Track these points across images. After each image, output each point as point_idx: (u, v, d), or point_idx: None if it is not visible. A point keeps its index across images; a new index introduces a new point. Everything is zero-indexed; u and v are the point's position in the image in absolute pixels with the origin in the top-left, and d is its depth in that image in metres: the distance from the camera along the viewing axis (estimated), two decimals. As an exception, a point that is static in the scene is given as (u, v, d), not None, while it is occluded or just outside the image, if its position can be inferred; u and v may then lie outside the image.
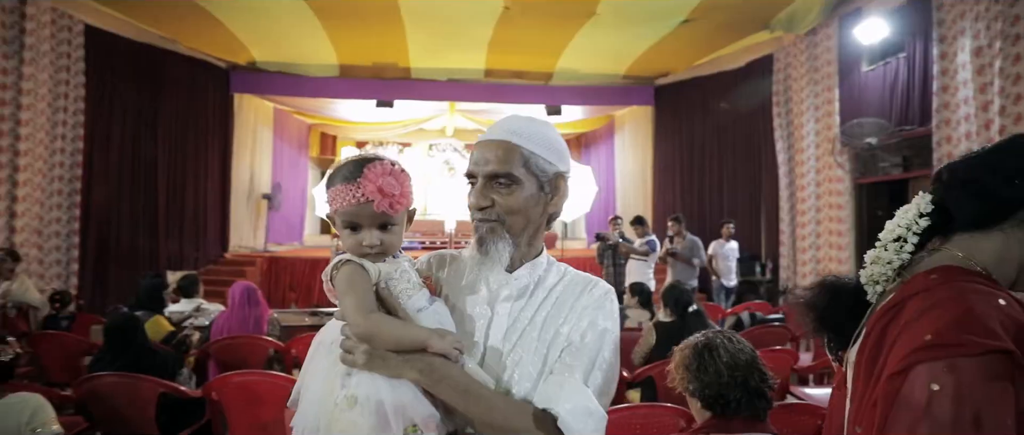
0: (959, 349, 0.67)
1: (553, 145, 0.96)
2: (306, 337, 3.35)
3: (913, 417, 0.67)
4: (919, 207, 0.85)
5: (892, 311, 0.78)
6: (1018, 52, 4.61)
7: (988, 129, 4.88)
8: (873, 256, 0.87)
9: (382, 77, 8.97)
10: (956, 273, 0.78)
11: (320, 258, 8.21)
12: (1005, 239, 0.79)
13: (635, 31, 7.33)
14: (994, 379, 0.66)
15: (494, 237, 0.91)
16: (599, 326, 0.91)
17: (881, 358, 0.75)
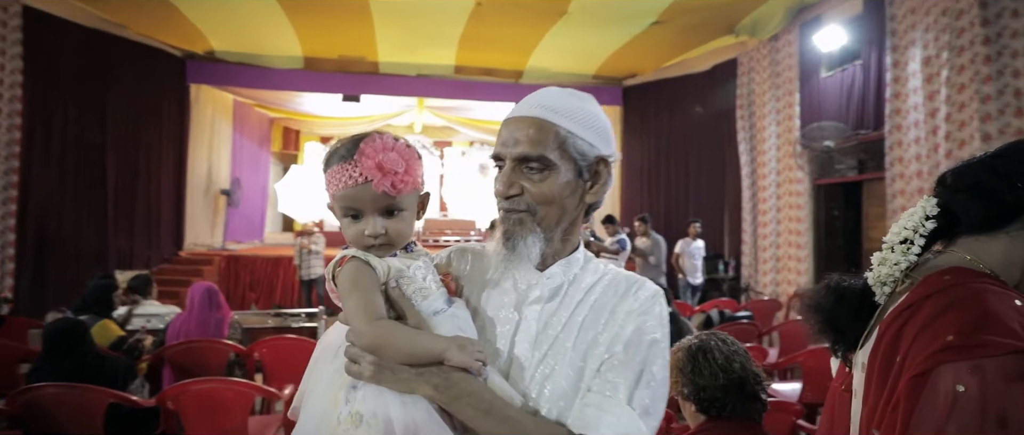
0: (983, 350, 0.68)
1: (595, 123, 0.82)
2: (270, 340, 3.21)
3: (938, 419, 0.67)
4: (925, 210, 0.86)
5: (908, 312, 0.78)
6: (962, 63, 4.87)
7: (935, 134, 5.15)
8: (880, 258, 0.87)
9: (349, 71, 8.74)
10: (969, 274, 0.78)
11: (282, 256, 7.93)
12: (1010, 242, 0.81)
13: (606, 31, 7.39)
14: (1016, 380, 0.66)
15: (523, 230, 0.79)
16: (647, 335, 0.77)
17: (898, 359, 0.74)
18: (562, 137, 0.78)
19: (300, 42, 7.85)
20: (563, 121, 0.79)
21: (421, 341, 0.71)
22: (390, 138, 0.77)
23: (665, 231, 8.58)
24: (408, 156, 0.77)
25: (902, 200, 5.51)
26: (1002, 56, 4.64)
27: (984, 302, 0.72)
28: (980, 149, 4.70)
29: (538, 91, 0.83)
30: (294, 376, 3.03)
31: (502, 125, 0.83)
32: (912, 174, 5.40)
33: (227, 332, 3.16)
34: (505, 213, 0.81)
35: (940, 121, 5.09)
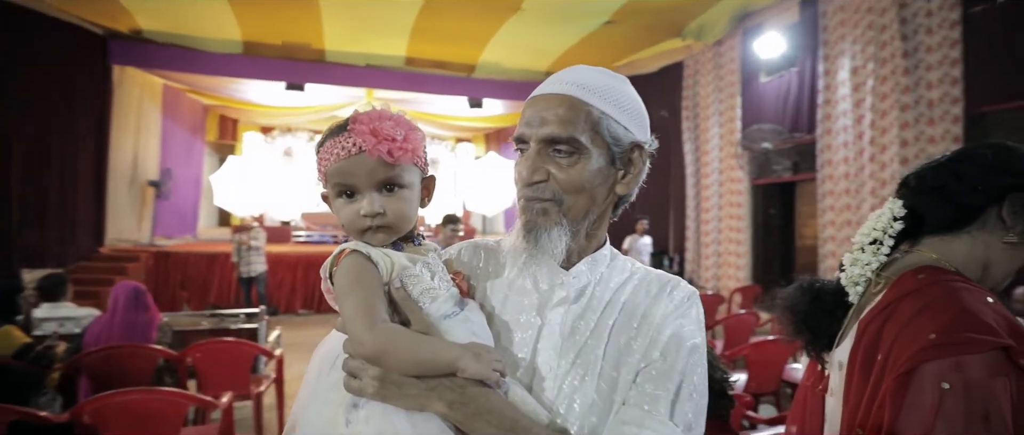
0: (964, 347, 0.70)
1: (631, 105, 0.74)
2: (205, 343, 2.98)
3: (926, 418, 0.69)
4: (892, 211, 0.89)
5: (886, 312, 0.80)
6: (885, 74, 5.26)
7: (860, 139, 5.54)
8: (851, 259, 0.90)
9: (293, 58, 8.32)
10: (941, 273, 0.82)
11: (218, 253, 7.46)
12: (971, 241, 0.85)
13: (559, 29, 7.43)
14: (996, 375, 0.69)
15: (547, 222, 0.70)
16: (686, 341, 0.69)
17: (879, 357, 0.76)
18: (595, 118, 0.70)
19: (239, 25, 7.39)
20: (597, 101, 0.70)
21: (431, 349, 0.62)
22: (387, 109, 0.69)
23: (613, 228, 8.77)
24: (407, 126, 0.68)
25: (831, 200, 5.89)
26: (918, 69, 5.04)
27: (961, 300, 0.75)
28: (898, 154, 5.11)
29: (568, 68, 0.75)
30: (232, 382, 2.85)
31: (526, 104, 0.74)
32: (840, 175, 5.78)
33: (156, 336, 2.91)
34: (527, 202, 0.71)
35: (865, 127, 5.47)
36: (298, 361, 4.94)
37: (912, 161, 5.02)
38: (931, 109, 4.92)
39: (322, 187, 0.73)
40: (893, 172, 5.18)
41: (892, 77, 5.18)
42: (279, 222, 10.70)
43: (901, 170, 5.08)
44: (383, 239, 0.68)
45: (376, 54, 8.40)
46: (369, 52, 8.32)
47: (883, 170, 5.32)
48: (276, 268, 7.17)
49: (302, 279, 7.55)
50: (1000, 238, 0.83)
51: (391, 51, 8.30)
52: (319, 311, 7.50)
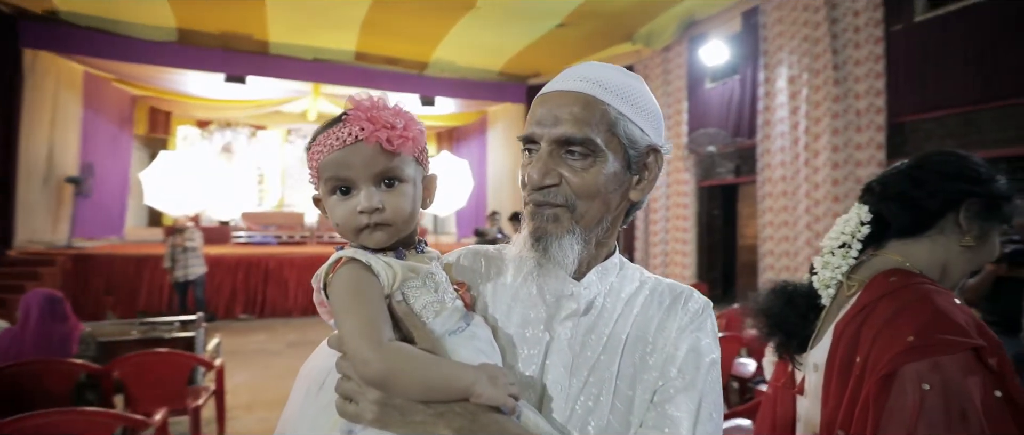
0: (941, 348, 0.73)
1: (648, 106, 0.69)
2: (135, 356, 2.75)
3: (909, 419, 0.72)
4: (859, 216, 0.93)
5: (862, 314, 0.83)
6: (818, 84, 5.60)
7: (796, 144, 5.88)
8: (822, 262, 0.93)
9: (233, 48, 7.87)
10: (909, 276, 0.85)
11: (147, 255, 6.94)
12: (932, 244, 0.90)
13: (512, 29, 7.44)
14: (969, 374, 0.72)
15: (558, 229, 0.65)
16: (704, 355, 0.65)
17: (858, 359, 0.78)
18: (612, 119, 0.65)
19: (173, 12, 6.91)
20: (614, 100, 0.66)
21: (444, 372, 0.55)
22: (383, 98, 0.64)
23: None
24: (407, 116, 0.63)
25: (770, 201, 6.22)
26: (847, 80, 5.40)
27: (934, 302, 0.79)
28: (830, 159, 5.46)
29: (581, 64, 0.69)
30: (166, 397, 2.64)
31: (536, 102, 0.68)
32: (778, 178, 6.12)
33: (76, 349, 2.65)
34: (536, 207, 0.66)
35: (800, 133, 5.82)
36: (240, 370, 4.68)
37: (842, 166, 5.38)
38: (858, 117, 5.29)
39: (314, 187, 0.67)
40: (825, 176, 5.53)
41: (824, 87, 5.53)
42: (217, 222, 10.10)
43: (832, 174, 5.43)
44: (382, 239, 0.62)
45: (324, 48, 8.09)
46: (317, 45, 8.01)
47: (816, 174, 5.67)
48: (214, 271, 6.75)
49: (243, 282, 7.16)
50: (958, 241, 0.89)
51: (340, 45, 8.02)
52: (262, 316, 7.14)
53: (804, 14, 5.73)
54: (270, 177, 11.27)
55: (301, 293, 7.32)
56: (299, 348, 5.71)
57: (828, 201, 5.50)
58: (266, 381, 4.56)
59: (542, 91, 0.70)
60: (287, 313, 7.24)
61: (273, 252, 7.73)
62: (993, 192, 0.89)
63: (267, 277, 7.24)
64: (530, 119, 0.68)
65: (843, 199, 5.37)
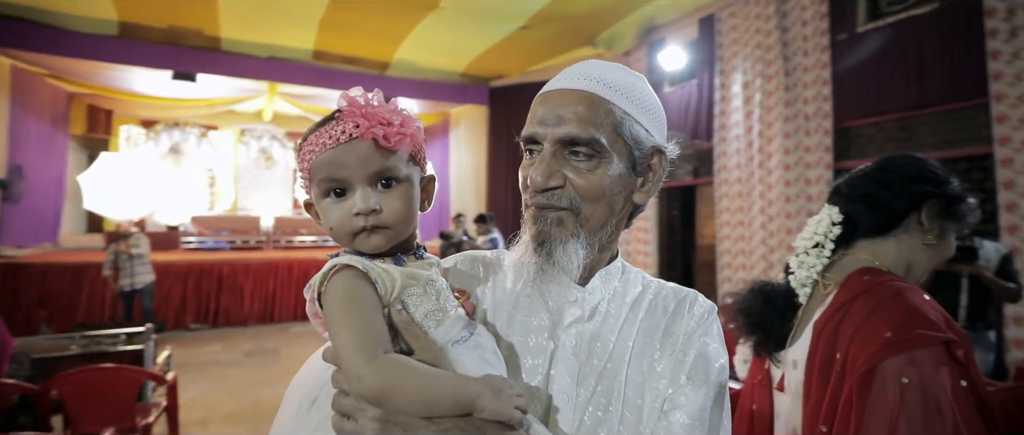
0: (916, 343, 0.78)
1: (653, 106, 0.67)
2: (75, 372, 2.56)
3: (890, 412, 0.75)
4: (830, 217, 0.97)
5: (840, 312, 0.86)
6: (770, 89, 5.85)
7: (750, 147, 6.12)
8: (798, 262, 0.97)
9: (181, 44, 7.48)
10: (881, 274, 0.90)
11: (87, 263, 6.50)
12: (898, 243, 0.94)
13: (475, 31, 7.41)
14: (941, 366, 0.77)
15: (563, 233, 0.62)
16: (713, 360, 0.63)
17: (837, 356, 0.82)
18: (618, 119, 0.63)
19: (114, 3, 6.50)
20: (619, 99, 0.64)
21: (446, 386, 0.52)
22: (381, 95, 0.60)
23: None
24: (404, 114, 0.60)
25: (726, 202, 6.45)
26: (796, 86, 5.66)
27: (908, 299, 0.83)
28: (781, 161, 5.71)
29: (583, 62, 0.67)
30: (113, 416, 2.47)
31: (537, 101, 0.66)
32: (734, 180, 6.35)
33: (8, 368, 2.45)
34: (539, 211, 0.63)
35: (754, 137, 6.06)
36: (193, 383, 4.45)
37: (792, 167, 5.64)
38: (807, 122, 5.56)
39: (306, 190, 0.63)
40: (777, 177, 5.78)
41: (776, 92, 5.78)
42: (165, 227, 9.57)
43: (784, 175, 5.68)
44: (379, 244, 0.59)
45: (280, 46, 7.81)
46: (272, 43, 7.72)
47: (769, 175, 5.91)
48: (162, 279, 6.39)
49: (193, 290, 6.81)
50: (920, 240, 0.94)
51: (297, 43, 7.76)
52: (215, 325, 6.81)
53: (756, 22, 5.98)
54: (223, 179, 10.78)
55: (257, 300, 7.04)
56: (256, 358, 5.49)
57: (780, 201, 5.75)
58: (222, 394, 4.35)
59: (544, 89, 0.67)
60: (242, 321, 6.94)
61: (227, 258, 7.39)
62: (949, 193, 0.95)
63: (220, 284, 6.92)
64: (531, 118, 0.66)
65: (794, 199, 5.63)
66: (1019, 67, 4.05)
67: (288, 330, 6.82)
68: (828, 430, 0.82)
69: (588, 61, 0.68)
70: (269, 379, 4.70)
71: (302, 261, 7.45)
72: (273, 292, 7.15)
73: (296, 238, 9.93)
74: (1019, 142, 4.06)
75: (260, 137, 10.92)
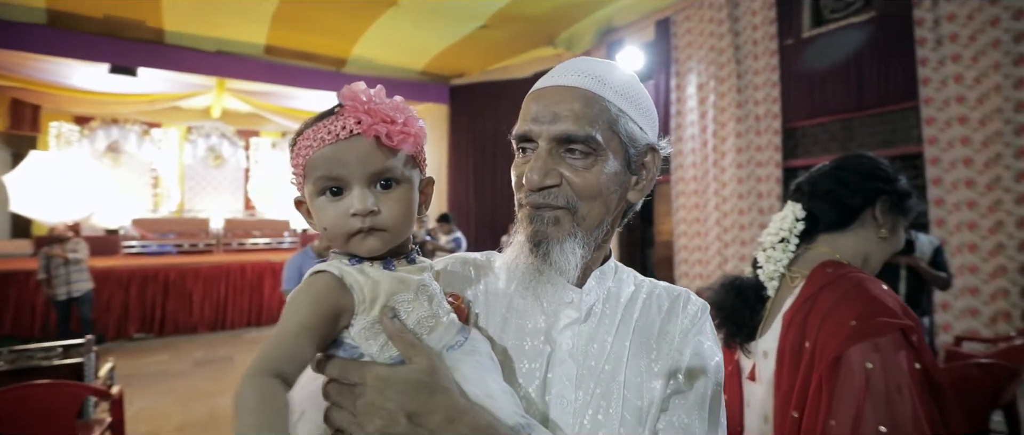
0: (878, 330, 0.83)
1: (646, 104, 0.68)
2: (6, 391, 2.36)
3: (858, 395, 0.81)
4: (794, 213, 1.02)
5: (807, 304, 0.91)
6: (723, 91, 6.08)
7: (705, 146, 6.35)
8: (766, 257, 1.02)
9: (120, 36, 7.02)
10: (842, 266, 0.95)
11: (13, 271, 6.00)
12: (855, 237, 1.01)
13: (435, 28, 7.34)
14: (900, 350, 0.83)
15: (560, 233, 0.62)
16: (708, 359, 0.64)
17: (806, 345, 0.87)
18: (613, 116, 0.63)
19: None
20: (613, 96, 0.63)
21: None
22: (382, 91, 0.58)
23: (490, 228, 8.94)
24: (408, 112, 0.58)
25: (683, 200, 6.66)
26: (747, 88, 5.91)
27: (869, 290, 0.89)
28: (734, 160, 5.94)
29: (575, 58, 0.67)
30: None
31: (531, 97, 0.65)
32: (690, 178, 6.57)
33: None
34: (534, 210, 0.62)
35: (709, 136, 6.28)
36: (139, 396, 4.19)
37: (745, 166, 5.88)
38: (758, 122, 5.81)
39: (298, 187, 0.60)
40: (731, 175, 6.01)
41: (729, 94, 6.02)
42: (103, 230, 8.98)
43: (737, 173, 5.93)
44: (375, 246, 0.57)
45: (230, 40, 7.47)
46: (221, 37, 7.37)
47: (723, 173, 6.15)
48: (102, 286, 5.99)
49: (137, 297, 6.41)
50: (875, 234, 1.01)
51: (248, 38, 7.45)
52: (161, 334, 6.45)
53: (710, 26, 6.20)
54: (168, 180, 10.20)
55: (208, 306, 6.72)
56: (208, 367, 5.24)
57: (734, 199, 5.99)
58: (171, 406, 4.13)
59: (537, 86, 0.66)
60: (192, 329, 6.61)
61: (173, 262, 7.01)
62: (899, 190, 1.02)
63: (166, 290, 6.56)
64: (525, 115, 0.64)
65: (746, 197, 5.88)
66: (945, 74, 4.38)
67: (242, 337, 6.54)
68: (799, 415, 0.87)
69: (581, 58, 0.68)
70: (223, 388, 4.49)
71: (256, 264, 7.16)
72: (225, 297, 6.84)
73: (248, 240, 9.53)
74: (945, 142, 4.39)
75: (208, 135, 10.40)
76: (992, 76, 4.11)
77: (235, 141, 10.70)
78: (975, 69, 4.21)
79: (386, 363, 0.54)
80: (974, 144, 4.23)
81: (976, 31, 4.20)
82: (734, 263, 5.86)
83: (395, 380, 0.51)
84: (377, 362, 0.54)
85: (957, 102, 4.32)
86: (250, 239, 9.57)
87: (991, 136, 4.14)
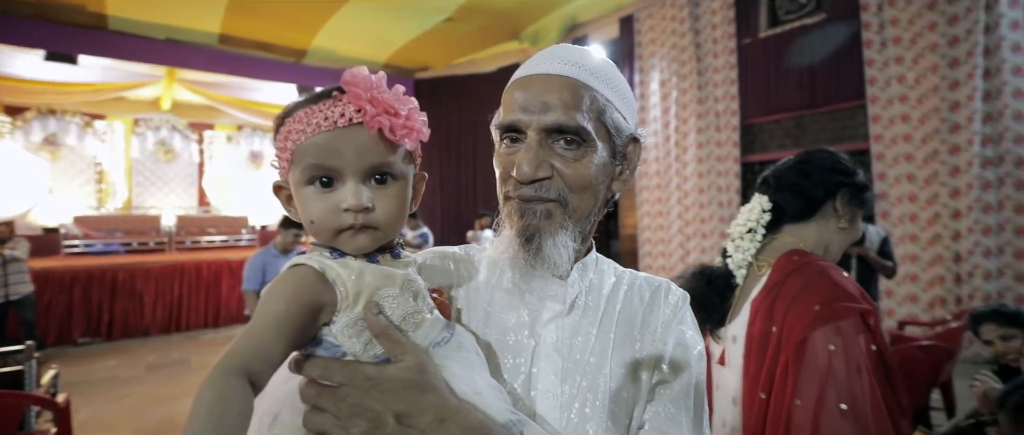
0: (839, 314, 0.88)
1: (627, 93, 0.66)
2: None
3: (821, 375, 0.85)
4: (761, 205, 1.06)
5: (774, 290, 0.95)
6: (685, 87, 6.25)
7: (668, 142, 6.50)
8: (734, 247, 1.06)
9: (57, 20, 6.56)
10: (806, 255, 1.00)
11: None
12: (817, 228, 1.06)
13: (399, 20, 7.20)
14: (860, 333, 0.88)
15: (551, 226, 0.60)
16: (692, 349, 0.65)
17: (773, 329, 0.91)
18: (601, 106, 0.61)
19: (-34, -30, 5.57)
20: (600, 86, 0.62)
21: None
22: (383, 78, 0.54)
23: (455, 222, 8.91)
24: (409, 103, 0.55)
25: (647, 194, 6.81)
26: (708, 86, 6.09)
27: (831, 276, 0.94)
28: (695, 155, 6.12)
29: (559, 46, 0.65)
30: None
31: (516, 86, 0.63)
32: (653, 173, 6.72)
33: None
34: (524, 203, 0.61)
35: (671, 131, 6.44)
36: (87, 404, 3.96)
37: (705, 161, 6.07)
38: (718, 119, 6.00)
39: (280, 173, 0.55)
40: (692, 170, 6.19)
41: (690, 91, 6.18)
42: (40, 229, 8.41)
43: (698, 168, 6.11)
44: (365, 244, 0.53)
45: (181, 27, 7.10)
46: (171, 24, 7.00)
47: (685, 168, 6.32)
48: (42, 288, 5.61)
49: (81, 299, 6.05)
50: (835, 224, 1.07)
51: (201, 26, 7.10)
52: (110, 338, 6.11)
53: (672, 24, 6.34)
54: (113, 175, 9.64)
55: (161, 308, 6.41)
56: (162, 371, 5.00)
57: (695, 193, 6.17)
58: (122, 413, 3.93)
59: (521, 73, 0.65)
60: (144, 332, 6.29)
61: (122, 262, 6.63)
62: (857, 183, 1.08)
63: (114, 292, 6.21)
64: (511, 105, 0.63)
65: (707, 191, 6.07)
66: (889, 74, 4.64)
67: (198, 338, 6.27)
68: (766, 397, 0.91)
69: (564, 45, 0.66)
70: (179, 393, 4.30)
71: (212, 263, 6.87)
72: (179, 298, 6.54)
73: (203, 238, 9.12)
74: (889, 139, 4.66)
75: (158, 128, 9.87)
76: (930, 77, 4.39)
77: (187, 134, 10.21)
78: (916, 70, 4.48)
79: (371, 362, 0.52)
80: (915, 141, 4.51)
81: (916, 35, 4.46)
82: (696, 254, 6.05)
83: (382, 380, 0.49)
84: (361, 361, 0.51)
85: (900, 101, 4.58)
86: (205, 237, 9.17)
87: (929, 133, 4.42)
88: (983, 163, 4.12)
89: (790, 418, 0.88)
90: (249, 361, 0.45)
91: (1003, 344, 2.05)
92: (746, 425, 0.97)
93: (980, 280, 4.09)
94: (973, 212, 4.12)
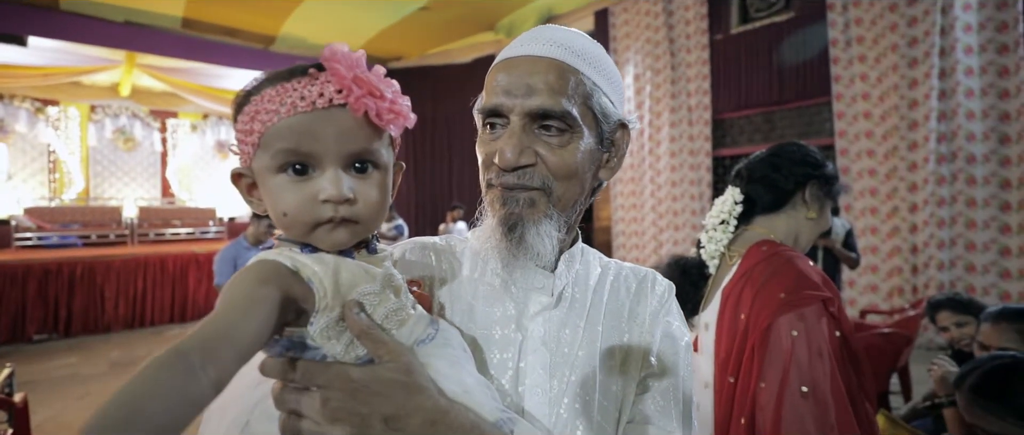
0: (803, 301, 0.92)
1: (616, 78, 0.63)
2: None
3: (784, 361, 0.89)
4: (733, 197, 1.10)
5: (744, 279, 0.99)
6: (659, 82, 6.33)
7: (642, 136, 6.59)
8: (707, 237, 1.09)
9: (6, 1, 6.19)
10: (776, 245, 1.04)
11: None
12: (787, 219, 1.10)
13: (373, 8, 7.06)
14: (821, 319, 0.92)
15: (536, 215, 0.57)
16: (678, 340, 0.64)
17: (742, 317, 0.95)
18: (588, 90, 0.59)
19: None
20: (587, 69, 0.59)
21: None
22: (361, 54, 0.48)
23: (430, 215, 8.85)
24: (393, 86, 0.50)
25: (621, 187, 6.90)
26: (681, 80, 6.19)
27: (797, 266, 0.98)
28: (669, 149, 6.22)
29: (543, 26, 0.62)
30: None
31: (498, 68, 0.60)
32: (627, 166, 6.81)
33: None
34: (507, 191, 0.58)
35: (645, 126, 6.53)
36: (45, 404, 3.80)
37: (677, 154, 6.18)
38: (690, 113, 6.12)
39: (242, 159, 0.50)
40: (665, 164, 6.30)
41: (664, 85, 6.27)
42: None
43: (670, 162, 6.22)
44: (344, 240, 0.49)
45: (140, 9, 6.77)
46: (130, 6, 6.67)
47: (658, 162, 6.43)
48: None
49: (36, 294, 5.77)
50: (804, 215, 1.11)
51: (162, 9, 6.80)
52: (68, 335, 5.85)
53: (646, 19, 6.41)
54: (69, 164, 9.18)
55: (123, 303, 6.17)
56: (126, 368, 4.83)
57: (668, 186, 6.29)
58: (84, 412, 3.77)
59: (505, 55, 0.61)
60: (105, 328, 6.05)
61: (80, 255, 6.34)
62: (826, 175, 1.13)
63: (72, 286, 5.94)
64: (493, 88, 0.59)
65: (679, 184, 6.19)
66: (853, 72, 4.81)
67: (164, 334, 6.07)
68: (735, 380, 0.96)
69: (550, 26, 0.63)
70: (145, 390, 4.16)
71: (177, 256, 6.64)
72: (143, 292, 6.30)
73: (168, 230, 8.80)
74: (852, 135, 4.84)
75: (117, 115, 9.43)
76: (891, 76, 4.57)
77: (149, 122, 9.80)
78: (878, 69, 4.66)
79: (353, 363, 0.48)
80: (876, 137, 4.70)
81: (879, 35, 4.64)
82: (669, 246, 6.18)
83: (368, 381, 0.46)
84: (344, 363, 0.48)
85: (863, 99, 4.76)
86: (170, 229, 8.85)
87: (890, 130, 4.61)
88: (938, 159, 4.33)
89: (755, 400, 0.92)
90: (209, 343, 0.38)
91: (957, 330, 2.17)
92: (717, 408, 1.01)
93: (934, 270, 4.31)
94: (929, 205, 4.33)
